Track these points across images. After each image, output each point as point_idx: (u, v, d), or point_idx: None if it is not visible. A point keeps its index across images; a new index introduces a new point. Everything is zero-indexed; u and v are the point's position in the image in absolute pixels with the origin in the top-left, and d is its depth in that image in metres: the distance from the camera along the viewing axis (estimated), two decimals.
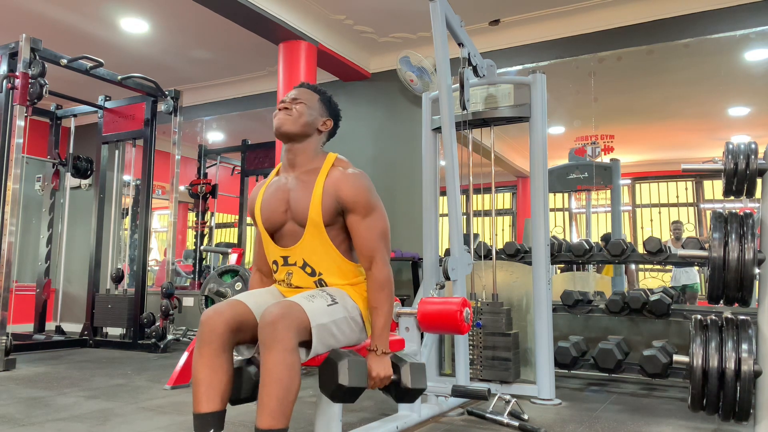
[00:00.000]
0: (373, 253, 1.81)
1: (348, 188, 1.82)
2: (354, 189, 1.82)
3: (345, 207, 1.82)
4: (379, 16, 4.83)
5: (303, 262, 1.86)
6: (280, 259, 1.90)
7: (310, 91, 1.98)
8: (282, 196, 1.89)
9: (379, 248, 1.82)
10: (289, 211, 1.87)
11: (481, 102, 3.47)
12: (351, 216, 1.83)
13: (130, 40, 5.39)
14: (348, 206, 1.82)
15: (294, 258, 1.87)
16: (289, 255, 1.88)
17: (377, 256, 1.81)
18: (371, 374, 1.75)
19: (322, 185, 1.83)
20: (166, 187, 6.51)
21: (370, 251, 1.82)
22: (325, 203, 1.81)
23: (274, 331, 1.56)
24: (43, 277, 5.73)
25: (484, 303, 3.33)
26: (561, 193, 5.85)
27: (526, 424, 2.54)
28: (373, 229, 1.83)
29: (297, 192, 1.86)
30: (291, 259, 1.88)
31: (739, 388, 2.21)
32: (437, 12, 2.89)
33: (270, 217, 1.90)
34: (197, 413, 1.66)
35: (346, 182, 1.83)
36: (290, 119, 1.89)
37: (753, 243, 2.34)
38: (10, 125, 4.40)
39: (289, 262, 1.88)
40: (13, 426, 2.54)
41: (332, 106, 2.02)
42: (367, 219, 1.83)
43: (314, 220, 1.81)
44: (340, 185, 1.82)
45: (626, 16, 4.52)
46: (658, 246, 3.80)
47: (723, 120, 5.52)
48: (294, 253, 1.86)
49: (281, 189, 1.91)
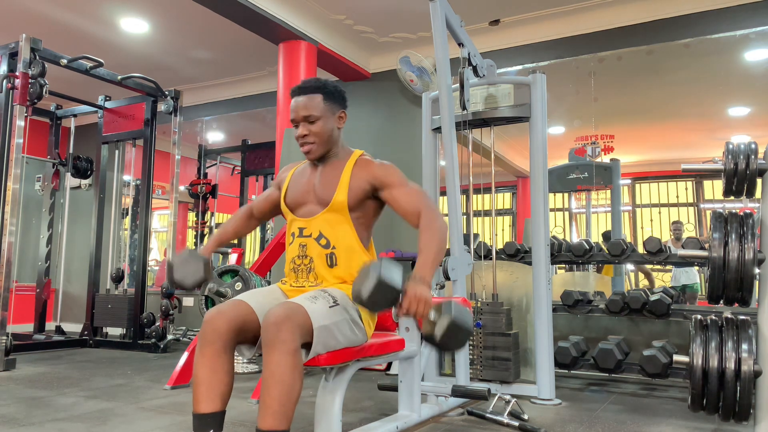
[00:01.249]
0: (420, 206, 1.85)
1: (379, 169, 1.93)
2: (385, 168, 1.93)
3: (380, 184, 1.90)
4: (379, 16, 4.84)
5: (319, 233, 1.91)
6: (297, 230, 1.95)
7: (313, 97, 1.95)
8: (309, 181, 1.98)
9: (425, 202, 1.86)
10: (313, 194, 1.95)
11: (481, 102, 3.47)
12: (388, 190, 1.91)
13: (130, 40, 5.39)
14: (383, 183, 1.90)
15: (310, 229, 1.92)
16: (305, 226, 1.93)
17: (424, 208, 1.85)
18: (407, 293, 1.58)
19: (350, 171, 1.93)
20: (166, 187, 6.51)
21: (416, 206, 1.86)
22: (352, 187, 1.90)
23: (278, 332, 1.57)
24: (43, 277, 5.74)
25: (484, 303, 3.33)
26: (561, 193, 5.86)
27: (526, 424, 2.54)
28: (414, 192, 1.90)
29: (324, 177, 1.95)
30: (307, 231, 1.93)
31: (739, 388, 2.21)
32: (437, 12, 2.89)
33: (295, 196, 1.98)
34: (197, 413, 1.66)
35: (376, 165, 1.94)
36: (315, 146, 1.94)
37: (753, 243, 2.34)
38: (10, 125, 4.40)
39: (305, 234, 1.93)
40: (13, 426, 2.54)
41: (337, 95, 2.02)
42: (405, 187, 1.90)
43: (339, 200, 1.89)
44: (370, 168, 1.93)
45: (626, 16, 4.52)
46: (658, 246, 3.80)
47: (723, 120, 5.53)
48: (311, 224, 1.92)
49: (310, 174, 2.00)
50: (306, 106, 1.93)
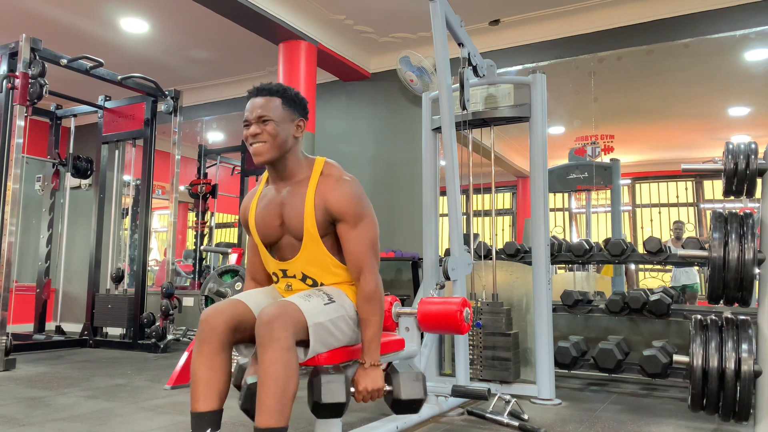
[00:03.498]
0: (362, 264, 1.80)
1: (336, 199, 1.79)
2: (342, 199, 1.79)
3: (334, 217, 1.80)
4: (379, 16, 4.83)
5: (302, 274, 1.87)
6: (279, 272, 1.90)
7: (271, 99, 1.83)
8: (275, 211, 1.86)
9: (367, 259, 1.80)
10: (284, 226, 1.85)
11: (481, 102, 3.47)
12: (340, 225, 1.81)
13: (130, 40, 5.39)
14: (337, 216, 1.80)
15: (293, 271, 1.87)
16: (287, 268, 1.88)
17: (365, 268, 1.79)
18: (358, 388, 1.75)
19: (313, 197, 1.80)
20: (166, 187, 6.50)
21: (358, 262, 1.80)
22: (318, 215, 1.80)
23: (271, 330, 1.57)
24: (43, 277, 5.73)
25: (484, 303, 3.33)
26: (561, 193, 5.85)
27: (526, 424, 2.54)
28: (361, 240, 1.80)
29: (289, 207, 1.83)
30: (290, 272, 1.88)
31: (739, 388, 2.21)
32: (437, 12, 2.89)
33: (266, 232, 1.88)
34: (195, 412, 1.67)
35: (335, 193, 1.80)
36: (266, 147, 1.80)
37: (753, 243, 2.34)
38: (10, 125, 4.40)
39: (288, 275, 1.88)
40: (13, 426, 2.54)
41: (297, 102, 1.89)
42: (355, 229, 1.80)
43: (310, 233, 1.80)
44: (328, 196, 1.80)
45: (626, 16, 4.52)
46: (658, 246, 3.80)
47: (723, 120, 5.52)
48: (292, 266, 1.87)
49: (273, 203, 1.87)
50: (262, 106, 1.82)
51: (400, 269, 5.22)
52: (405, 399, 1.80)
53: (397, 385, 1.80)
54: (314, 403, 1.67)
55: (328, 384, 1.67)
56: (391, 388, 1.81)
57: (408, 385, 1.81)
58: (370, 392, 1.76)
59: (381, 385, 1.78)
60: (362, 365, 1.77)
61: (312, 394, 1.68)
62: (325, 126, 5.67)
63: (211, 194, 6.70)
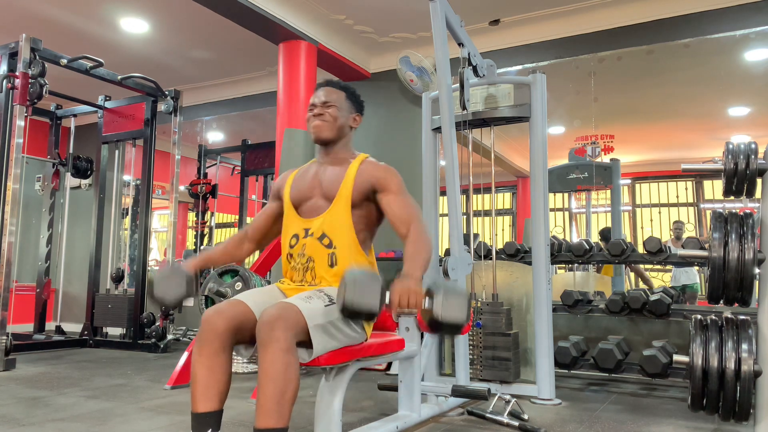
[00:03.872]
0: (411, 219, 1.89)
1: (382, 171, 1.96)
2: (388, 172, 1.97)
3: (379, 187, 1.93)
4: (379, 16, 4.84)
5: (322, 233, 1.92)
6: (301, 231, 1.95)
7: (337, 90, 2.06)
8: (315, 176, 2.02)
9: (416, 215, 1.90)
10: (319, 188, 1.98)
11: (481, 102, 3.47)
12: (385, 195, 1.93)
13: (130, 40, 5.39)
14: (382, 185, 1.93)
15: (313, 230, 1.93)
16: (309, 227, 1.94)
17: (415, 220, 1.88)
18: (393, 296, 1.62)
19: (356, 169, 1.97)
20: (166, 187, 6.50)
21: (408, 217, 1.89)
22: (357, 183, 1.93)
23: (271, 331, 1.58)
24: (43, 277, 5.73)
25: (484, 303, 3.33)
26: (561, 193, 5.85)
27: (526, 424, 2.54)
28: (408, 203, 1.93)
29: (330, 174, 1.99)
30: (310, 231, 1.94)
31: (739, 388, 2.21)
32: (437, 12, 2.89)
33: (300, 191, 2.00)
34: (195, 413, 1.67)
35: (380, 167, 1.99)
36: (326, 125, 1.99)
37: (753, 243, 2.34)
38: (10, 125, 4.40)
39: (309, 234, 1.94)
40: (13, 426, 2.54)
41: (358, 100, 2.12)
42: (401, 195, 1.94)
43: (344, 195, 1.92)
44: (373, 170, 1.96)
45: (626, 16, 4.52)
46: (658, 246, 3.80)
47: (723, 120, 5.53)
48: (314, 224, 1.94)
49: (315, 173, 2.03)
50: (328, 93, 2.03)
51: (400, 269, 5.21)
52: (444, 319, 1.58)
53: (438, 301, 1.59)
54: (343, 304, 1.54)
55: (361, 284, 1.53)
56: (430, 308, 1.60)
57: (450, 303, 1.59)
58: (408, 292, 1.61)
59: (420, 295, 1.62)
60: (401, 276, 1.68)
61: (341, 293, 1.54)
62: None
63: (211, 194, 6.70)
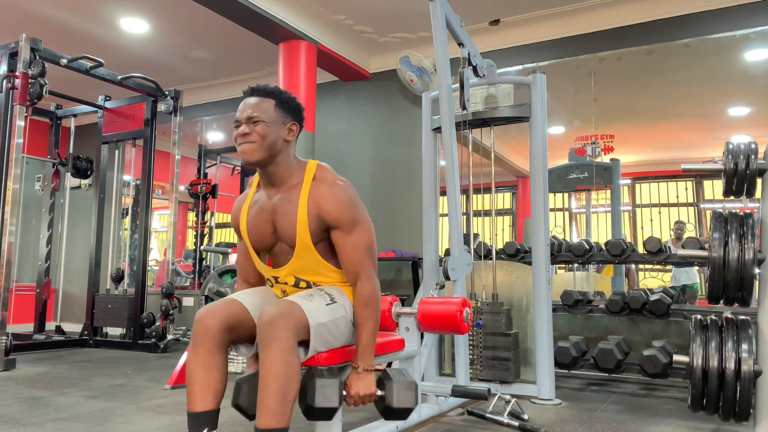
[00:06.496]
0: (358, 269, 1.79)
1: (329, 206, 1.76)
2: (336, 206, 1.77)
3: (329, 223, 1.78)
4: (379, 16, 4.83)
5: (295, 279, 1.86)
6: (272, 278, 1.90)
7: (264, 100, 1.81)
8: (267, 218, 1.84)
9: (364, 264, 1.79)
10: (276, 234, 1.84)
11: (481, 102, 3.47)
12: (335, 232, 1.80)
13: (130, 40, 5.39)
14: (331, 223, 1.78)
15: (285, 278, 1.86)
16: (279, 275, 1.87)
17: (362, 273, 1.79)
18: (350, 392, 1.74)
19: (306, 205, 1.77)
20: (166, 187, 6.50)
21: (355, 267, 1.79)
22: (311, 223, 1.77)
23: (273, 330, 1.57)
24: (43, 277, 5.73)
25: (484, 303, 3.33)
26: (561, 193, 5.85)
27: (526, 424, 2.54)
28: (357, 246, 1.79)
29: (282, 215, 1.80)
30: (282, 279, 1.87)
31: (739, 388, 2.21)
32: (437, 12, 2.89)
33: (258, 240, 1.87)
34: (191, 412, 1.67)
35: (328, 200, 1.77)
36: (254, 147, 1.77)
37: (753, 243, 2.34)
38: (10, 125, 4.40)
39: (280, 281, 1.88)
40: (13, 426, 2.54)
41: (291, 106, 1.86)
42: (351, 235, 1.78)
43: (303, 242, 1.79)
44: (322, 204, 1.77)
45: (626, 16, 4.52)
46: (658, 246, 3.80)
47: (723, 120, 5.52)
48: (284, 273, 1.86)
49: (265, 210, 1.85)
50: (254, 106, 1.79)
51: (400, 269, 5.22)
52: (396, 407, 1.79)
53: (389, 391, 1.79)
54: (307, 406, 1.67)
55: (322, 388, 1.66)
56: (383, 394, 1.79)
57: (400, 393, 1.79)
58: (361, 397, 1.74)
59: (373, 391, 1.76)
60: (355, 369, 1.76)
61: (305, 398, 1.67)
62: (325, 126, 5.67)
63: (211, 194, 6.70)
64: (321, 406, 1.66)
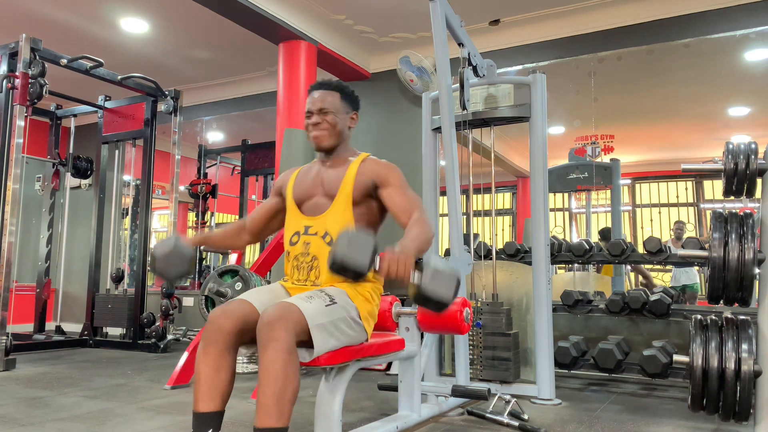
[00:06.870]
0: (412, 210, 1.88)
1: (383, 167, 1.98)
2: (388, 168, 1.98)
3: (379, 182, 1.94)
4: (379, 16, 4.84)
5: (324, 231, 1.93)
6: (302, 228, 1.97)
7: (331, 93, 2.05)
8: (317, 175, 2.03)
9: (417, 205, 1.90)
10: (321, 187, 2.00)
11: (481, 102, 3.47)
12: (386, 188, 1.94)
13: (130, 40, 5.39)
14: (383, 180, 1.94)
15: (316, 228, 1.94)
16: (311, 225, 1.95)
17: (416, 210, 1.87)
18: (383, 261, 1.60)
19: (357, 167, 1.98)
20: (166, 187, 6.50)
21: (409, 206, 1.89)
22: (358, 181, 1.94)
23: (271, 331, 1.58)
24: (43, 277, 5.73)
25: (484, 303, 3.33)
26: (561, 193, 5.86)
27: (526, 424, 2.54)
28: (410, 195, 1.94)
29: (332, 173, 2.00)
30: (312, 229, 1.95)
31: (739, 388, 2.21)
32: (437, 12, 2.89)
33: (302, 189, 2.02)
34: (197, 412, 1.67)
35: (381, 164, 2.00)
36: (326, 134, 2.00)
37: (753, 243, 2.34)
38: (10, 125, 4.39)
39: (310, 232, 1.95)
40: (13, 426, 2.54)
41: (353, 98, 2.11)
42: (402, 188, 1.94)
43: (344, 192, 1.93)
44: (374, 167, 1.98)
45: (626, 16, 4.52)
46: (658, 246, 3.80)
47: (723, 120, 5.53)
48: (317, 222, 1.95)
49: (317, 172, 2.05)
50: (323, 99, 2.02)
51: None
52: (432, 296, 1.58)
53: (426, 276, 1.59)
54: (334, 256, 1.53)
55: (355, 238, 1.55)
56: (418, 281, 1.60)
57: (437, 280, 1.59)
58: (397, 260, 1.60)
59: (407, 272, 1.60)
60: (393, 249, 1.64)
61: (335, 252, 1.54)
62: None
63: (211, 194, 6.71)
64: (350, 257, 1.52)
